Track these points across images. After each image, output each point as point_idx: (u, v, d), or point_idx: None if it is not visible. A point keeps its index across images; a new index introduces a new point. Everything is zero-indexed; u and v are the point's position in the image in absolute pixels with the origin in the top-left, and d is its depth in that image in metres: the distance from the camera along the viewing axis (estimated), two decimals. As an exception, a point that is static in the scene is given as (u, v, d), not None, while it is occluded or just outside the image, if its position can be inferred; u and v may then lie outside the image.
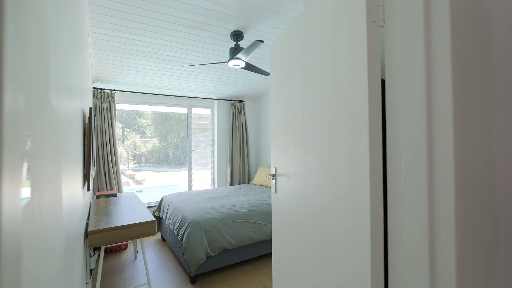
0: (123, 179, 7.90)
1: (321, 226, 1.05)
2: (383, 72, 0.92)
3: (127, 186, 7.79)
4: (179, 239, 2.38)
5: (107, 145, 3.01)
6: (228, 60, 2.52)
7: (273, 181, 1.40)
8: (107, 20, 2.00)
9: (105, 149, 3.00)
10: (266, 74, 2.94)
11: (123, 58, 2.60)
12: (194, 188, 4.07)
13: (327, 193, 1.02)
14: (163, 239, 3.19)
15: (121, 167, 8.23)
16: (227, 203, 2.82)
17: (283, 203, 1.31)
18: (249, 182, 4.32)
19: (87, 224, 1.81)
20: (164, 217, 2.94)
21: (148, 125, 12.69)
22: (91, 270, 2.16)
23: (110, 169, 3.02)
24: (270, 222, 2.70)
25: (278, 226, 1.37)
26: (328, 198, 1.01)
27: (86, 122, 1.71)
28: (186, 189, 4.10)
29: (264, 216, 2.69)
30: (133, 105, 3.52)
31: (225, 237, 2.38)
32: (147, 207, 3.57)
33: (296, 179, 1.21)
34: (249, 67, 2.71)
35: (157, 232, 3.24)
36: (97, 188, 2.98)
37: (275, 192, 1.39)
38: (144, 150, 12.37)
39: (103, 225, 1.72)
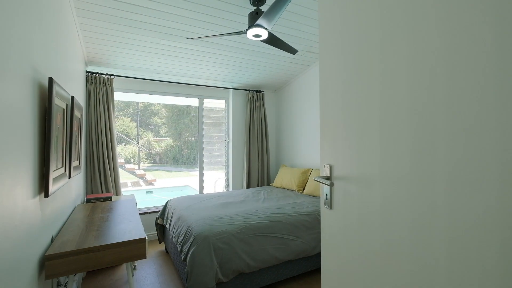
0: (132, 179, 7.60)
1: (444, 267, 0.45)
2: None
3: (138, 187, 7.51)
4: (183, 257, 1.85)
5: (102, 140, 2.57)
6: (247, 29, 1.95)
7: (326, 188, 0.80)
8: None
9: (100, 144, 2.56)
10: (293, 51, 2.35)
11: (118, 31, 2.12)
12: (206, 191, 3.55)
13: (456, 209, 0.43)
14: (167, 251, 2.69)
15: (131, 166, 7.96)
16: (244, 211, 2.25)
17: (351, 228, 0.71)
18: (269, 184, 3.74)
19: (53, 241, 1.31)
20: (167, 226, 2.43)
21: (163, 124, 12.54)
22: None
23: (106, 168, 2.56)
24: (299, 237, 2.10)
25: (336, 264, 0.77)
26: (457, 219, 0.43)
27: (55, 108, 1.21)
28: (197, 191, 3.60)
29: (291, 228, 2.09)
30: (135, 94, 3.07)
31: (241, 257, 1.82)
32: (155, 212, 3.09)
33: (382, 186, 0.61)
34: (272, 40, 2.14)
35: (160, 242, 2.75)
36: (91, 190, 2.54)
37: (330, 208, 0.79)
38: (159, 149, 12.19)
39: (70, 246, 1.22)
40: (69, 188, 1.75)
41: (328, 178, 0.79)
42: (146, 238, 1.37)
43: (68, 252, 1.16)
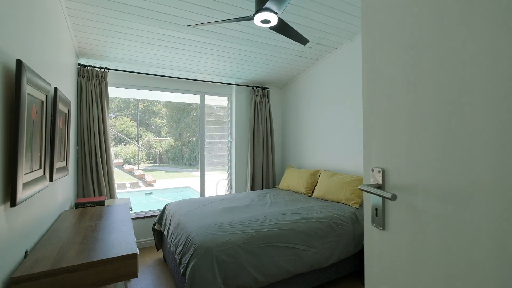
0: (131, 179, 7.39)
1: None
2: None
3: (137, 188, 7.30)
4: (182, 271, 1.63)
5: (95, 138, 2.36)
6: (254, 14, 1.74)
7: (376, 200, 0.58)
8: None
9: (92, 143, 2.35)
10: (304, 41, 2.13)
11: (111, 18, 1.91)
12: (207, 193, 3.34)
13: None
14: (165, 259, 2.47)
15: (130, 166, 7.75)
16: (250, 217, 2.04)
17: (422, 261, 0.49)
18: (274, 187, 3.52)
19: (27, 257, 1.10)
20: (165, 233, 2.22)
21: (163, 124, 12.35)
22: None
23: (99, 170, 2.35)
24: (311, 246, 1.88)
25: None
26: None
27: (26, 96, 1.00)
28: (198, 192, 3.38)
29: (303, 237, 1.87)
30: (131, 89, 2.86)
31: (248, 271, 1.60)
32: (152, 216, 2.88)
33: (495, 204, 0.39)
34: (282, 26, 1.92)
35: (158, 249, 2.53)
36: (82, 193, 2.33)
37: (382, 228, 0.57)
38: (159, 149, 12.00)
39: (44, 264, 1.00)
40: (53, 192, 1.54)
41: (379, 187, 0.58)
42: (138, 253, 1.16)
43: (40, 274, 0.95)
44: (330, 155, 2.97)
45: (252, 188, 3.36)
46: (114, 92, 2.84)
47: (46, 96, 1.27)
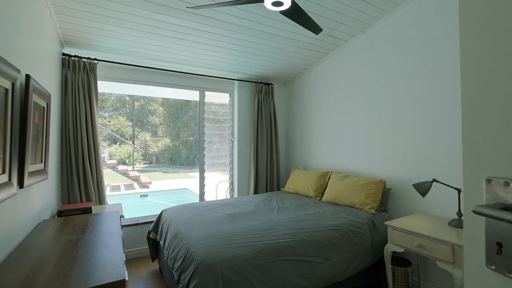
0: (125, 181, 7.07)
1: None
2: None
3: (132, 190, 7.02)
4: (181, 291, 1.40)
5: (83, 137, 2.11)
6: (264, -5, 1.52)
7: (496, 226, 0.36)
8: None
9: (79, 142, 2.10)
10: (317, 29, 1.90)
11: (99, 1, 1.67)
12: (207, 196, 3.10)
13: None
14: (161, 271, 2.23)
15: (125, 167, 7.45)
16: (258, 225, 1.81)
17: None
18: (279, 189, 3.30)
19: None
20: (161, 243, 1.98)
21: (160, 124, 12.06)
22: None
23: (87, 172, 2.10)
24: (327, 258, 1.66)
25: None
26: None
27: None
28: (198, 194, 3.15)
29: (318, 248, 1.66)
30: (124, 84, 2.61)
31: (258, 290, 1.37)
32: (147, 223, 2.63)
33: None
34: (295, 11, 1.70)
35: (153, 260, 2.29)
36: (67, 199, 2.07)
37: (510, 272, 0.35)
38: (155, 149, 11.69)
39: (-1, 301, 0.76)
40: (25, 200, 1.29)
41: (507, 208, 0.36)
42: (127, 279, 0.92)
43: (-8, 316, 0.71)
44: (340, 156, 2.76)
45: (256, 191, 3.14)
46: (104, 87, 2.59)
47: (13, 84, 1.03)
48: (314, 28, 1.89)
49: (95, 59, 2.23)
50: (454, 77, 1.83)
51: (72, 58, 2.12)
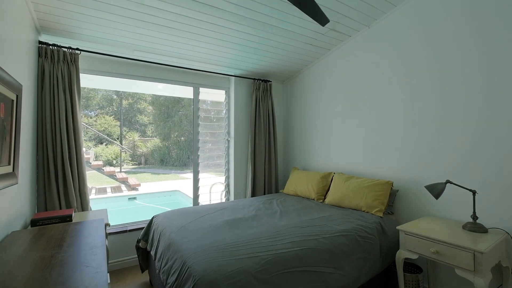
0: (112, 183, 6.67)
1: None
2: None
3: (119, 193, 6.67)
4: (176, 312, 1.21)
5: (62, 136, 1.87)
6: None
7: None
8: None
9: (58, 142, 1.86)
10: (324, 20, 1.75)
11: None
12: (201, 200, 2.91)
13: None
14: (151, 283, 2.03)
15: (112, 169, 7.07)
16: (261, 232, 1.65)
17: None
18: (277, 191, 3.15)
19: None
20: (153, 254, 1.78)
21: (149, 123, 11.66)
22: None
23: (67, 175, 1.87)
24: (338, 268, 1.53)
25: None
26: None
27: None
28: (190, 196, 2.95)
29: (328, 257, 1.52)
30: (111, 78, 2.38)
31: (265, 308, 1.21)
32: (136, 230, 2.41)
33: None
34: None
35: (143, 271, 2.09)
36: (44, 205, 1.83)
37: None
38: (144, 150, 11.28)
39: None
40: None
41: None
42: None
43: None
44: (342, 156, 2.64)
45: (253, 193, 2.97)
46: (88, 81, 2.36)
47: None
48: (321, 18, 1.74)
49: (77, 49, 2.00)
50: (464, 73, 1.74)
51: (50, 47, 1.89)
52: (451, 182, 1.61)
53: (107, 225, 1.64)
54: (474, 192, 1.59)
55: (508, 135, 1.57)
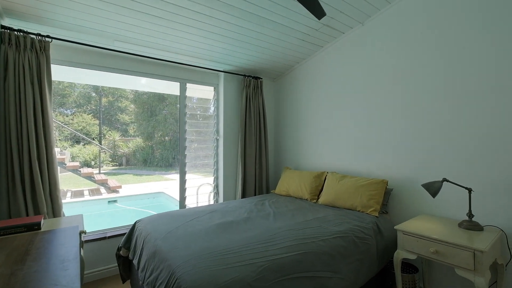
0: (90, 185, 6.23)
1: None
2: None
3: (98, 195, 6.27)
4: (163, 331, 1.07)
5: (30, 134, 1.65)
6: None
7: None
8: None
9: (24, 140, 1.64)
10: (321, 13, 1.67)
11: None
12: (188, 202, 2.75)
13: None
14: (136, 295, 1.85)
15: (90, 170, 6.64)
16: (254, 236, 1.54)
17: None
18: (268, 192, 3.05)
19: None
20: (135, 263, 1.61)
21: (131, 122, 11.16)
22: None
23: (35, 177, 1.65)
24: (336, 271, 1.46)
25: None
26: None
27: None
28: (176, 198, 2.77)
29: (326, 260, 1.44)
30: (88, 70, 2.17)
31: (263, 320, 1.11)
32: (117, 236, 2.21)
33: None
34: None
35: (124, 281, 1.91)
36: (8, 212, 1.60)
37: None
38: (126, 150, 10.77)
39: None
40: None
41: None
42: None
43: None
44: (335, 155, 2.60)
45: (244, 194, 2.86)
46: (61, 73, 2.13)
47: None
48: (318, 10, 1.67)
49: (48, 36, 1.79)
50: (461, 70, 1.74)
51: (15, 32, 1.66)
52: (447, 180, 1.59)
53: (82, 232, 1.45)
54: (470, 190, 1.58)
55: (501, 132, 1.57)
